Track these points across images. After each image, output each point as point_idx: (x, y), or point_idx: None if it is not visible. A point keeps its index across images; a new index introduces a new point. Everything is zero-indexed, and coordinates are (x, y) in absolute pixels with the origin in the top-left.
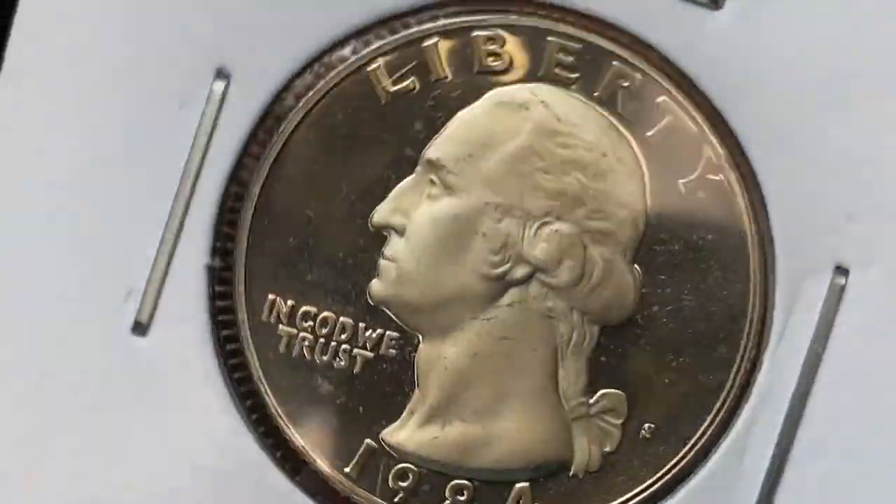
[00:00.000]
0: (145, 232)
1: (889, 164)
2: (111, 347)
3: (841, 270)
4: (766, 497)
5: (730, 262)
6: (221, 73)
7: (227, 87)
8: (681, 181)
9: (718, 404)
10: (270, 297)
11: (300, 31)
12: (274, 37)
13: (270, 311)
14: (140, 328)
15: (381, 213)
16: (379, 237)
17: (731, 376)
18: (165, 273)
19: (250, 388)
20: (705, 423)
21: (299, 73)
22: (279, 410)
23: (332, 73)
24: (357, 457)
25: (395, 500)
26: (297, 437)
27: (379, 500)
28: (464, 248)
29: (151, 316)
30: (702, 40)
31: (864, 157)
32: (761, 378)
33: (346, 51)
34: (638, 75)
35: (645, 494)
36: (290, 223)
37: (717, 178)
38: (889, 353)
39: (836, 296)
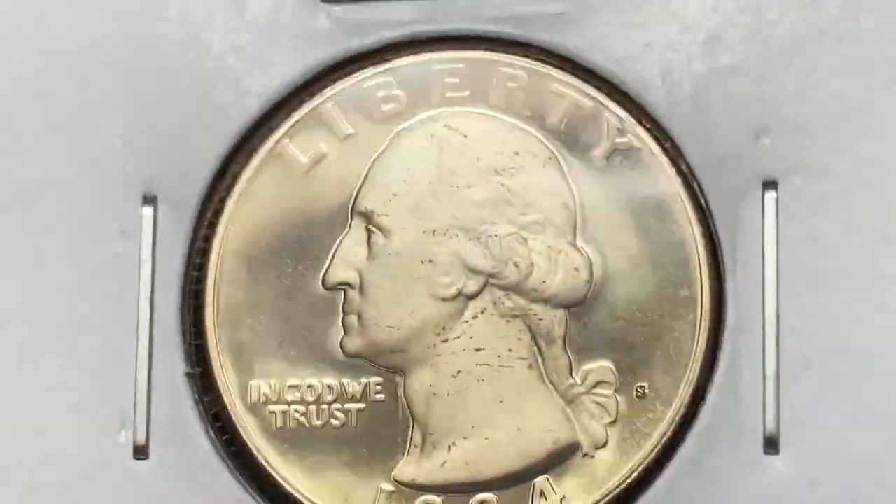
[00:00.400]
0: (120, 358)
1: (785, 78)
2: (118, 476)
3: (769, 185)
4: (772, 415)
5: (664, 210)
6: (147, 198)
7: (155, 209)
8: (594, 153)
9: (697, 344)
10: (252, 382)
11: (210, 136)
12: (188, 150)
13: (257, 395)
14: (141, 451)
15: (332, 274)
16: (335, 297)
17: (700, 313)
18: (149, 393)
19: (258, 473)
20: (691, 364)
21: (220, 175)
22: (290, 483)
23: (250, 165)
24: (376, 503)
25: None
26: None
27: None
28: (415, 280)
29: (147, 436)
30: (570, 20)
31: (756, 76)
32: (730, 307)
33: (255, 140)
34: (523, 73)
35: (657, 449)
36: (251, 311)
37: (624, 139)
38: (838, 245)
39: (772, 208)
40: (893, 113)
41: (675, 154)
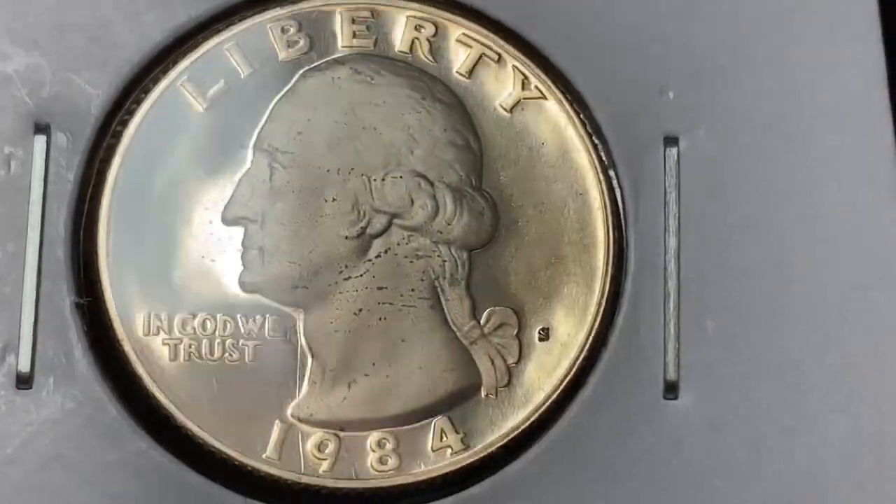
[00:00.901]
0: (6, 287)
1: (687, 34)
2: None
3: (671, 140)
4: (672, 361)
5: (568, 160)
6: (40, 126)
7: (48, 137)
8: (500, 103)
9: (598, 287)
10: (144, 314)
11: (106, 69)
12: (82, 81)
13: (148, 328)
14: (24, 380)
15: (231, 209)
16: (236, 231)
17: (603, 259)
18: (35, 322)
19: (148, 406)
20: (593, 308)
21: (116, 108)
22: (185, 418)
23: (148, 98)
24: (272, 440)
25: (321, 471)
26: (211, 439)
27: (306, 476)
28: (318, 217)
29: (32, 366)
30: None
31: (657, 33)
32: (632, 254)
33: (155, 74)
34: (430, 22)
35: (559, 391)
36: (146, 243)
37: (530, 91)
38: (736, 199)
39: (673, 161)
40: (793, 68)
41: (579, 106)
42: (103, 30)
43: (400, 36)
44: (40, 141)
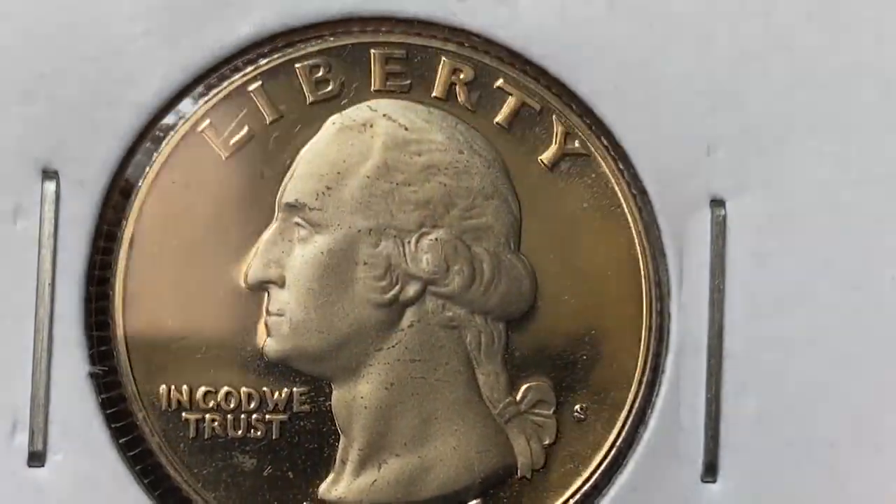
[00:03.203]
0: (13, 353)
1: (738, 92)
2: (10, 485)
3: (717, 202)
4: (711, 444)
5: (611, 223)
6: (48, 172)
7: (58, 185)
8: (541, 158)
9: (640, 364)
10: (164, 387)
11: (120, 108)
12: (93, 121)
13: (168, 402)
14: (37, 458)
15: (255, 270)
16: (259, 296)
17: (645, 334)
18: (47, 393)
19: (170, 486)
20: (633, 388)
21: (131, 153)
22: (207, 499)
23: (165, 143)
24: None
25: None
26: None
27: None
28: (348, 282)
29: (45, 442)
30: (519, 14)
31: (707, 89)
32: (674, 328)
33: (170, 118)
34: (469, 65)
35: (597, 475)
36: (163, 307)
37: (574, 145)
38: (783, 268)
39: (720, 227)
40: (848, 131)
41: (624, 164)
42: (116, 66)
43: (436, 80)
44: (49, 189)
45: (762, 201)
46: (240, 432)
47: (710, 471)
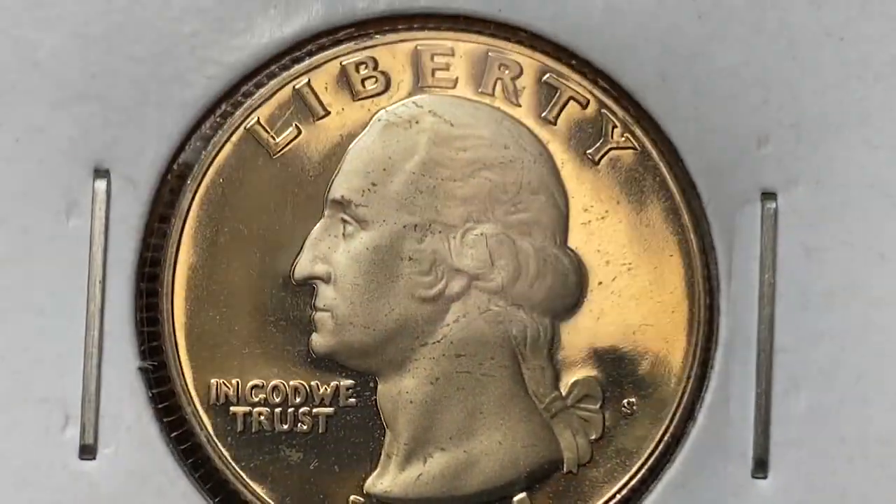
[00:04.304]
0: (65, 348)
1: (788, 84)
2: (62, 477)
3: (768, 195)
4: (761, 439)
5: (660, 216)
6: (99, 171)
7: (108, 183)
8: (588, 152)
9: (689, 359)
10: (213, 381)
11: (169, 107)
12: (144, 119)
13: (217, 396)
14: (88, 451)
15: (302, 266)
16: (306, 291)
17: (694, 328)
18: (98, 388)
19: (218, 480)
20: (682, 383)
21: (180, 151)
22: (255, 492)
23: (214, 141)
24: None
25: None
26: None
27: None
28: (394, 277)
29: (96, 435)
30: (566, 7)
31: (757, 80)
32: (723, 322)
33: (219, 117)
34: (516, 60)
35: (644, 470)
36: (212, 302)
37: (622, 139)
38: (835, 262)
39: (770, 220)
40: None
41: (672, 158)
42: (164, 65)
43: (482, 75)
44: (100, 188)
45: (813, 194)
46: (287, 426)
47: (761, 467)
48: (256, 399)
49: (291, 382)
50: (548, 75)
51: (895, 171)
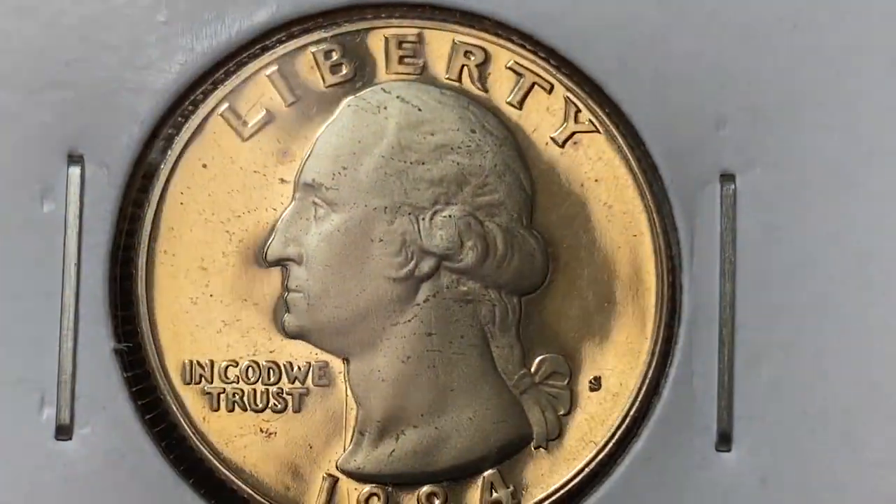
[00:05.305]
0: (41, 330)
1: (746, 68)
2: (39, 457)
3: (727, 177)
4: (725, 413)
5: (622, 198)
6: (73, 157)
7: (83, 169)
8: (553, 135)
9: (652, 335)
10: (186, 362)
11: (141, 94)
12: (116, 106)
13: (191, 376)
14: (64, 431)
15: (274, 248)
16: (278, 272)
17: (657, 306)
18: (74, 369)
19: (193, 459)
20: (645, 357)
21: (152, 137)
22: (229, 470)
23: (186, 127)
24: (319, 493)
25: None
26: (255, 493)
27: None
28: (365, 258)
29: (72, 416)
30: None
31: (715, 65)
32: (685, 300)
33: (190, 104)
34: (481, 46)
35: (611, 445)
36: (185, 284)
37: (585, 123)
38: (793, 240)
39: (730, 201)
40: (855, 105)
41: (634, 141)
42: (137, 52)
43: (447, 62)
44: (74, 173)
45: (771, 175)
46: (260, 405)
47: (725, 440)
48: (230, 378)
49: (264, 362)
50: (512, 61)
51: (848, 152)
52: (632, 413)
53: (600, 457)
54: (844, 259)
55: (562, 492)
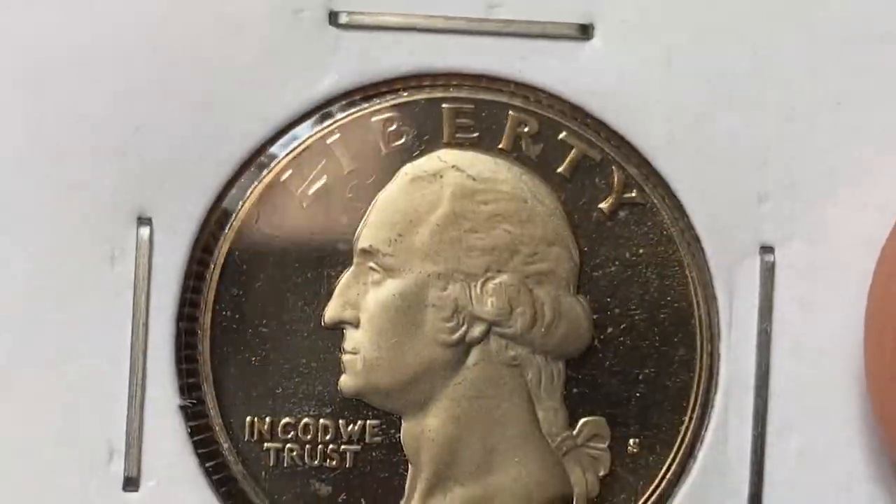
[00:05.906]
0: (110, 386)
1: (787, 147)
2: None
3: (766, 249)
4: (755, 477)
5: (665, 269)
6: (142, 219)
7: (151, 231)
8: (600, 206)
9: (691, 402)
10: (248, 419)
11: (209, 158)
12: (184, 171)
13: (252, 432)
14: (131, 483)
15: (332, 311)
16: (336, 334)
17: (696, 373)
18: (141, 424)
19: None
20: (684, 424)
21: (218, 199)
22: None
23: (249, 191)
24: None
25: None
26: None
27: None
28: (418, 323)
29: (139, 469)
30: (582, 71)
31: (758, 143)
32: (723, 368)
33: (255, 170)
34: (534, 119)
35: None
36: (247, 344)
37: (631, 194)
38: (828, 314)
39: (768, 274)
40: (889, 182)
41: (678, 213)
42: (205, 121)
43: (503, 132)
44: (143, 235)
45: (808, 249)
46: (316, 461)
47: (755, 503)
48: (288, 436)
49: (321, 421)
50: (564, 133)
51: (882, 229)
52: (668, 476)
53: None
54: None
55: None
